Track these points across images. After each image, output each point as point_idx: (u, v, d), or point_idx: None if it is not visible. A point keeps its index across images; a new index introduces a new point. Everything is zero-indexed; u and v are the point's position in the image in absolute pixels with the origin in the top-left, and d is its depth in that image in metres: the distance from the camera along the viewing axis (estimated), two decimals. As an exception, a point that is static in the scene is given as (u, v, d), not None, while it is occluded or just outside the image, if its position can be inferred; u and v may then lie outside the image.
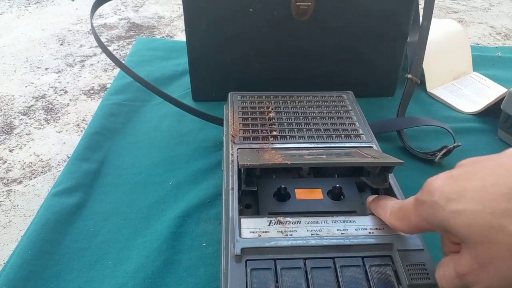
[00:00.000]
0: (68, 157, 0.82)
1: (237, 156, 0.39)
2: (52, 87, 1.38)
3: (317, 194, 0.37)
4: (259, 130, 0.45)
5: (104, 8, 1.94)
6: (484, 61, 0.80)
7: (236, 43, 0.61)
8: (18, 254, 0.41)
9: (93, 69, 1.49)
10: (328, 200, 0.37)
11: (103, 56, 1.54)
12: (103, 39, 1.67)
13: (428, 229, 0.27)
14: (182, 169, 0.53)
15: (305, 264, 0.31)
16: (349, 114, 0.48)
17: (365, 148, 0.42)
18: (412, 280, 0.30)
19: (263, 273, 0.30)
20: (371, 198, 0.35)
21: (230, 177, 0.38)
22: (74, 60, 1.54)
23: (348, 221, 0.34)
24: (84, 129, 0.86)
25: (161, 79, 0.72)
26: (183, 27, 0.98)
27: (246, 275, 0.30)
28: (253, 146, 0.42)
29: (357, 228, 0.33)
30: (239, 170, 0.36)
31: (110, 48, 1.61)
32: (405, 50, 0.64)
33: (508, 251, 0.21)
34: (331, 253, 0.31)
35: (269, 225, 0.33)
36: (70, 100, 1.32)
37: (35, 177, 1.03)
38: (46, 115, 1.25)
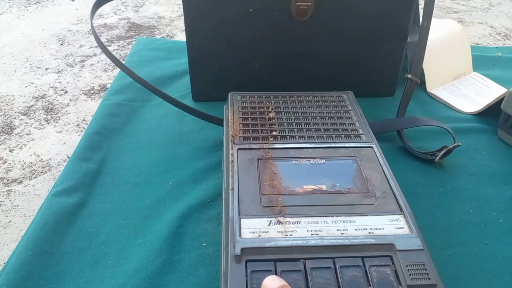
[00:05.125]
0: (68, 157, 0.82)
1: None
2: (52, 87, 1.38)
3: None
4: (259, 130, 0.45)
5: (104, 8, 1.95)
6: (484, 61, 0.80)
7: (236, 43, 0.61)
8: (18, 254, 0.41)
9: (93, 69, 1.49)
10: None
11: (103, 56, 1.54)
12: (103, 39, 1.67)
13: None
14: (182, 169, 0.53)
15: (304, 265, 0.31)
16: (349, 114, 0.48)
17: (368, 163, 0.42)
18: (412, 280, 0.30)
19: (263, 274, 0.30)
20: None
21: (230, 177, 0.38)
22: (74, 60, 1.55)
23: (348, 221, 0.34)
24: (84, 129, 0.86)
25: (161, 79, 0.72)
26: (183, 27, 0.98)
27: (246, 275, 0.30)
28: (253, 146, 0.42)
29: (357, 228, 0.33)
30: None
31: (110, 48, 1.61)
32: (405, 50, 0.64)
33: None
34: (331, 253, 0.31)
35: (269, 225, 0.33)
36: (70, 100, 1.32)
37: (35, 177, 1.03)
38: (46, 115, 1.25)
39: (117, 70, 1.23)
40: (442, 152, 0.53)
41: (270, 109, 0.48)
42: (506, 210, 0.48)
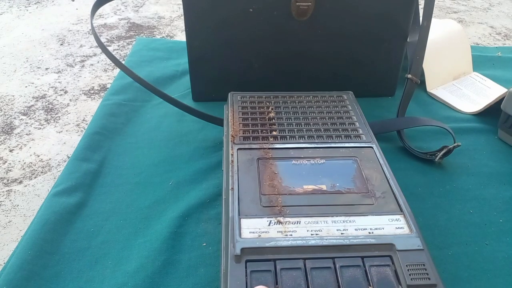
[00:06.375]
0: (68, 157, 0.82)
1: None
2: (52, 87, 1.38)
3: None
4: (259, 130, 0.45)
5: (104, 8, 1.94)
6: (484, 61, 0.80)
7: (236, 43, 0.61)
8: (18, 254, 0.41)
9: (93, 69, 1.49)
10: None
11: (103, 56, 1.54)
12: (103, 39, 1.67)
13: None
14: (182, 169, 0.53)
15: (304, 265, 0.31)
16: (349, 114, 0.48)
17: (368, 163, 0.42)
18: (412, 280, 0.30)
19: (263, 274, 0.30)
20: None
21: (230, 177, 0.38)
22: (74, 60, 1.55)
23: (348, 221, 0.34)
24: (84, 129, 0.86)
25: (161, 79, 0.72)
26: (183, 27, 0.98)
27: (246, 275, 0.30)
28: (253, 146, 0.42)
29: (357, 228, 0.33)
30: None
31: (110, 48, 1.61)
32: (405, 50, 0.64)
33: None
34: (330, 253, 0.31)
35: (269, 225, 0.33)
36: (70, 100, 1.32)
37: (35, 177, 1.03)
38: (46, 115, 1.25)
39: (117, 70, 1.23)
40: (442, 152, 0.53)
41: (270, 109, 0.48)
42: (506, 210, 0.48)
